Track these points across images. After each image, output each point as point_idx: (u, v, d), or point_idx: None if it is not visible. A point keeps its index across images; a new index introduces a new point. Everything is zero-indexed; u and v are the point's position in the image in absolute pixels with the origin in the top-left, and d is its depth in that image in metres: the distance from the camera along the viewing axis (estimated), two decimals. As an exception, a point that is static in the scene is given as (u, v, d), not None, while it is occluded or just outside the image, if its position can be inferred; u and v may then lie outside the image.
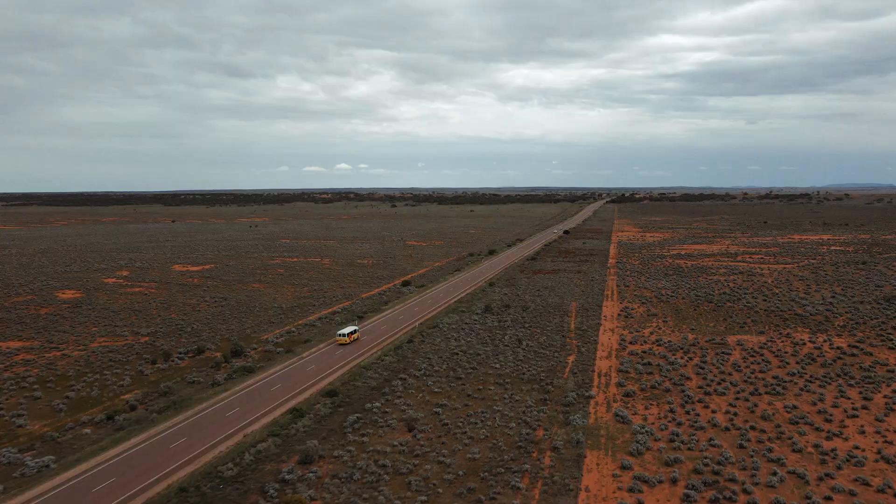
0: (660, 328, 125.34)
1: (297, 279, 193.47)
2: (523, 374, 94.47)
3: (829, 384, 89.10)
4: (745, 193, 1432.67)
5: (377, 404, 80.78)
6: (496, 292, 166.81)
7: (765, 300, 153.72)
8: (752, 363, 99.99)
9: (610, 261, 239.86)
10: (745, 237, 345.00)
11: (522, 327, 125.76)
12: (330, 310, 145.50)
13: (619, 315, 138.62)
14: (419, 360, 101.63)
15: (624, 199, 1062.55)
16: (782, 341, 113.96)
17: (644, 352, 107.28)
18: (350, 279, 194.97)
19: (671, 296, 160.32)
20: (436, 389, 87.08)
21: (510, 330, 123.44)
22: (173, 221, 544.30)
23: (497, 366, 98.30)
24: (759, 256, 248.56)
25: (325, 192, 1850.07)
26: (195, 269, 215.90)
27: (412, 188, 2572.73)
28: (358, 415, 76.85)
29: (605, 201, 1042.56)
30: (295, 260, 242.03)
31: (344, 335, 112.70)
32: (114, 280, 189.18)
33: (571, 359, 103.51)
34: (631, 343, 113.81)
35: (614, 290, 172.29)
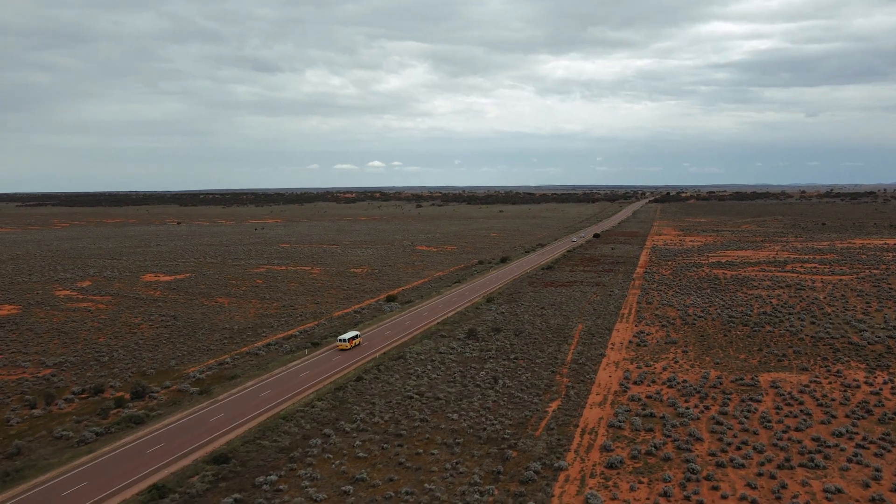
0: (676, 361, 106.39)
1: (273, 292, 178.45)
2: (484, 429, 76.85)
3: (889, 451, 69.76)
4: (803, 192, 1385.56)
5: (273, 477, 64.07)
6: (491, 311, 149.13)
7: (813, 322, 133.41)
8: (786, 415, 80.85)
9: (637, 270, 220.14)
10: (798, 241, 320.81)
11: (506, 359, 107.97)
12: (287, 333, 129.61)
13: (630, 342, 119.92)
14: (359, 407, 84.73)
15: (668, 199, 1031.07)
16: (830, 382, 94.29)
17: (649, 396, 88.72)
18: (332, 292, 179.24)
19: (699, 316, 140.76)
20: (361, 454, 69.99)
21: (490, 363, 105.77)
22: (178, 223, 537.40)
23: (455, 416, 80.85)
24: (812, 265, 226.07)
25: (353, 191, 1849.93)
26: (166, 279, 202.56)
27: (448, 186, 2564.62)
28: (238, 495, 60.20)
29: (647, 201, 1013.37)
30: (282, 268, 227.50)
31: (344, 340, 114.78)
32: (68, 292, 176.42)
33: (554, 406, 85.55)
34: (635, 383, 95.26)
35: (633, 307, 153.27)
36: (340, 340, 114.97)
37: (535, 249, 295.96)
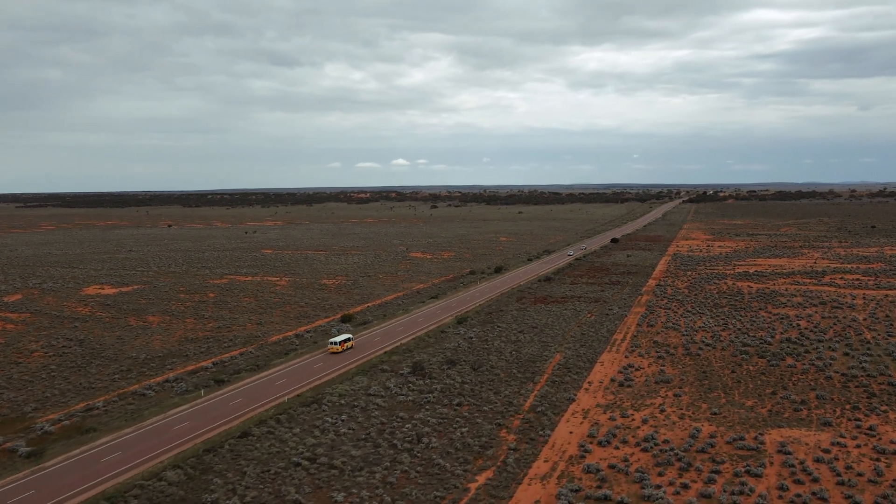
0: (663, 410, 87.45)
1: (218, 309, 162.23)
2: (370, 520, 58.89)
3: (934, 570, 50.35)
4: (853, 190, 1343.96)
5: None
6: (458, 336, 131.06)
7: (847, 353, 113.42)
8: (792, 500, 61.80)
9: (649, 282, 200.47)
10: (841, 247, 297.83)
11: (448, 404, 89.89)
12: (199, 364, 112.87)
13: (612, 380, 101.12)
14: (221, 480, 67.21)
15: (704, 199, 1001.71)
16: (858, 445, 74.82)
17: (613, 466, 70.05)
18: (286, 309, 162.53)
19: (707, 344, 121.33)
20: (178, 563, 52.40)
21: (425, 410, 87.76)
22: (170, 226, 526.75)
23: (340, 497, 63.06)
24: (855, 277, 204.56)
25: (378, 190, 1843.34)
26: (110, 291, 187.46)
27: (475, 185, 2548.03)
28: None
29: (680, 201, 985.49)
30: (247, 279, 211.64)
31: (336, 343, 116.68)
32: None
33: (481, 480, 67.34)
34: (601, 443, 76.58)
35: (630, 331, 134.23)
36: (332, 343, 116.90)
37: (542, 256, 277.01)
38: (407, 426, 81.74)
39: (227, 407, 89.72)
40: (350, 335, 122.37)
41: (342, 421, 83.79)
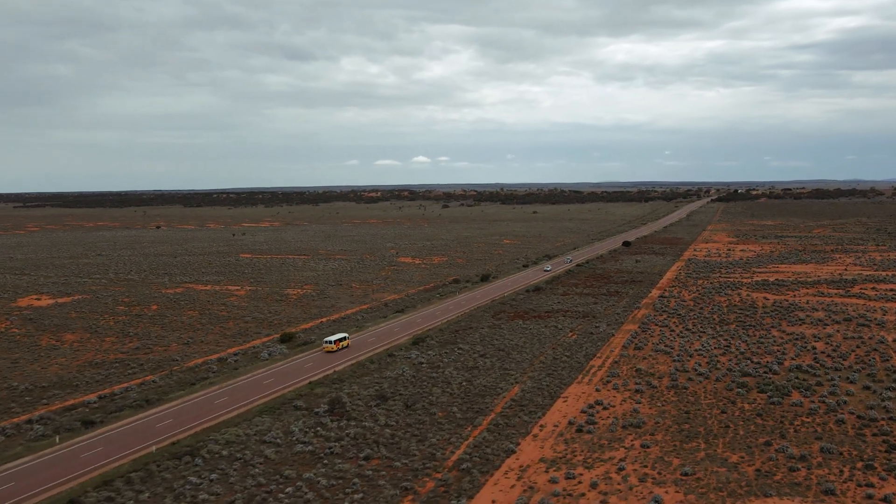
0: (621, 469, 71.61)
1: (154, 323, 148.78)
2: None
3: None
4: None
5: None
6: (408, 360, 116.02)
7: (867, 387, 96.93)
8: None
9: (651, 293, 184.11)
10: (877, 252, 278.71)
11: (354, 456, 74.76)
12: (83, 398, 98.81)
13: (570, 423, 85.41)
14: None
15: (735, 197, 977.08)
16: (867, 526, 58.53)
17: (531, 557, 54.41)
18: (229, 325, 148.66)
19: (700, 373, 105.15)
20: None
21: (322, 465, 72.74)
22: (159, 227, 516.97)
23: None
24: (889, 287, 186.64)
25: (390, 189, 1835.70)
26: (46, 303, 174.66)
27: (499, 183, 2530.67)
28: None
29: (708, 200, 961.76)
30: (206, 288, 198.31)
31: (331, 342, 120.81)
32: None
33: (348, 579, 51.98)
34: (526, 520, 60.97)
35: (612, 355, 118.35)
36: (326, 342, 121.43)
37: (540, 262, 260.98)
38: (288, 490, 66.77)
39: (77, 460, 75.13)
40: (346, 334, 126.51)
41: (209, 481, 68.95)
